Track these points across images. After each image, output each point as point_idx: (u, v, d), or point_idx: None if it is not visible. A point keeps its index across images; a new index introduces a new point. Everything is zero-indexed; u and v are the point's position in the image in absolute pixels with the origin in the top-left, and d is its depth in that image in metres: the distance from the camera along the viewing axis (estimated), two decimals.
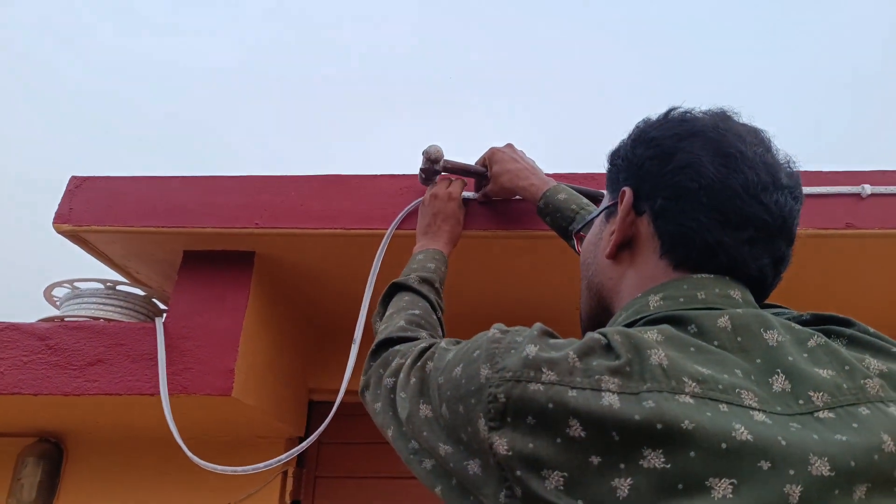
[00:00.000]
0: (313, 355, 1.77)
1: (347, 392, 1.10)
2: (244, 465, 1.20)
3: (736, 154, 0.59)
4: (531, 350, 0.51)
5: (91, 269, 1.47)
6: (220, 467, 1.12)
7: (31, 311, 1.45)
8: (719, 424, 0.44)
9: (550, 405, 0.47)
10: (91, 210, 1.34)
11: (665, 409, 0.45)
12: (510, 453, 0.47)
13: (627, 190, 0.65)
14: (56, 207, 1.34)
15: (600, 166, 0.73)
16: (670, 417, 0.44)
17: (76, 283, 1.45)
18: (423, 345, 0.67)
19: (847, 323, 0.58)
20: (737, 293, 0.58)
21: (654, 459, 0.44)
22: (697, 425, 0.44)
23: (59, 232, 1.33)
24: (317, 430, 1.13)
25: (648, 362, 0.48)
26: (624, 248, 0.66)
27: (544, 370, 0.49)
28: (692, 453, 0.43)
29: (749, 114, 0.66)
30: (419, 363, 0.64)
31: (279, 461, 1.13)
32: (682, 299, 0.57)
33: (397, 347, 0.74)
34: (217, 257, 1.38)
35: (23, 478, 1.59)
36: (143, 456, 1.65)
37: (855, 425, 0.46)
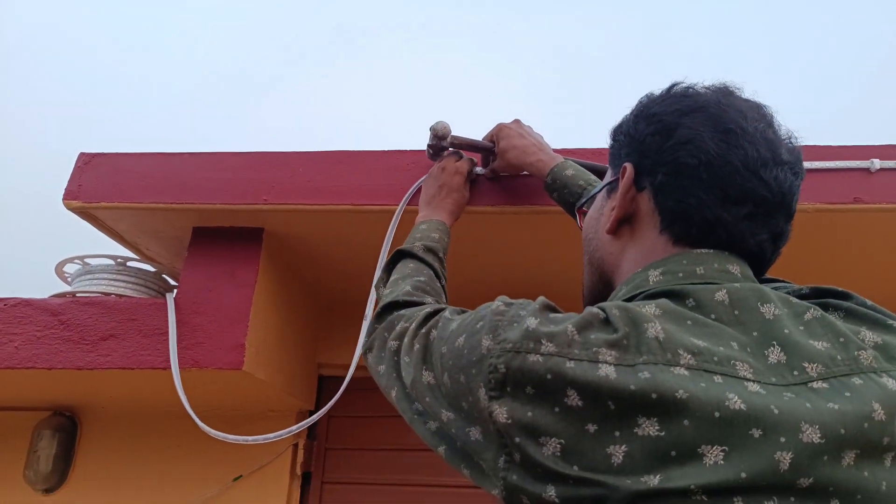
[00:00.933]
0: (323, 330, 1.78)
1: (358, 367, 1.12)
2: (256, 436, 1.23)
3: (737, 130, 0.59)
4: (532, 323, 0.52)
5: (102, 246, 1.48)
6: (230, 436, 1.14)
7: (42, 287, 1.47)
8: (713, 394, 0.45)
9: (549, 375, 0.48)
10: (100, 187, 1.34)
11: (660, 379, 0.46)
12: (509, 421, 0.49)
13: (628, 165, 0.65)
14: (66, 184, 1.35)
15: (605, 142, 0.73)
16: (665, 387, 0.46)
17: (87, 260, 1.46)
18: (428, 310, 0.68)
19: (845, 296, 0.59)
20: (735, 268, 0.59)
21: (649, 427, 0.45)
22: (691, 395, 0.45)
23: (68, 208, 1.34)
24: (328, 403, 1.15)
25: (645, 335, 0.49)
26: (624, 223, 0.66)
27: (544, 342, 0.50)
28: (686, 421, 0.45)
29: (752, 90, 0.66)
30: (423, 329, 0.65)
31: (289, 432, 1.16)
32: (681, 274, 0.58)
33: (402, 311, 0.75)
34: (226, 233, 1.39)
35: (39, 450, 1.62)
36: (156, 429, 1.69)
37: (847, 394, 0.47)
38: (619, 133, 0.70)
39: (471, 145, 1.20)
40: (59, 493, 1.64)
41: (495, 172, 1.24)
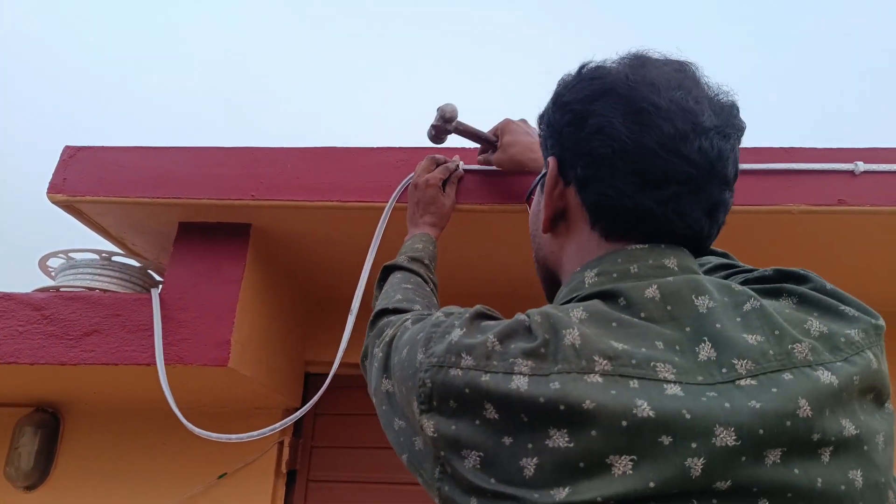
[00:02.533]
0: (310, 327, 1.78)
1: (344, 364, 1.12)
2: (241, 434, 1.22)
3: (648, 108, 0.56)
4: (456, 335, 0.52)
5: (86, 240, 1.46)
6: (214, 434, 1.13)
7: (25, 281, 1.45)
8: (621, 402, 0.45)
9: (467, 390, 0.49)
10: (85, 180, 1.33)
11: (569, 389, 0.46)
12: (436, 435, 0.50)
13: (552, 160, 0.63)
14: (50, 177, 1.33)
15: None
16: (573, 398, 0.45)
17: (71, 254, 1.45)
18: (407, 317, 0.68)
19: (803, 279, 0.58)
20: (672, 262, 0.56)
21: (559, 439, 0.45)
22: (599, 404, 0.45)
23: (52, 202, 1.33)
24: (312, 399, 1.14)
25: (562, 343, 0.49)
26: (559, 219, 0.64)
27: (463, 355, 0.50)
28: (593, 432, 0.44)
29: (674, 47, 0.62)
30: (390, 338, 0.65)
31: (273, 429, 1.15)
32: (615, 275, 0.56)
33: (391, 318, 0.75)
34: (213, 229, 1.38)
35: (20, 447, 1.60)
36: (139, 426, 1.67)
37: (774, 390, 0.46)
38: (541, 122, 0.67)
39: (474, 134, 1.19)
40: (41, 490, 1.62)
41: (489, 164, 1.23)
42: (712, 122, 0.56)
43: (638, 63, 0.59)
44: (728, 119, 0.58)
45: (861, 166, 1.26)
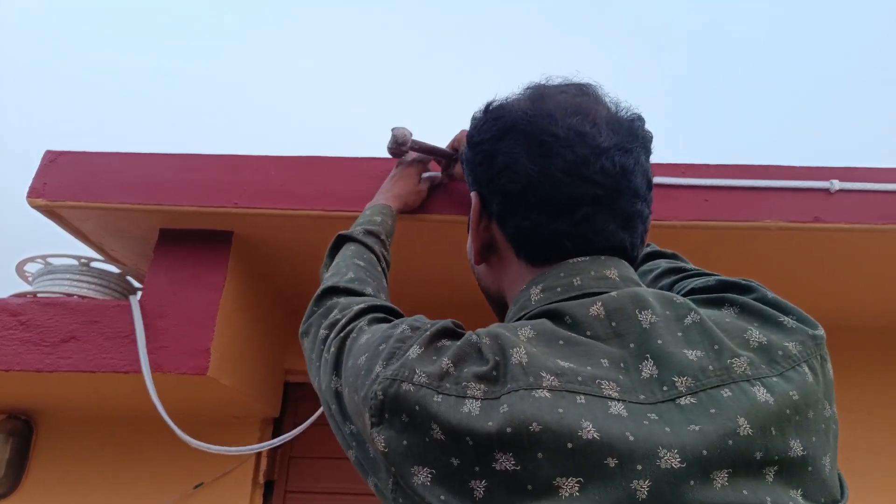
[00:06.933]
0: (290, 336, 1.76)
1: None
2: (218, 443, 1.21)
3: (549, 140, 0.58)
4: (414, 353, 0.53)
5: (65, 245, 1.45)
6: (212, 447, 1.12)
7: (1, 286, 1.43)
8: (567, 423, 0.45)
9: (417, 407, 0.49)
10: (66, 185, 1.32)
11: (517, 410, 0.46)
12: (387, 450, 0.50)
13: (474, 196, 0.65)
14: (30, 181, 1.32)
15: None
16: (520, 420, 0.46)
17: (49, 259, 1.43)
18: (361, 306, 0.67)
19: (747, 289, 0.59)
20: (613, 272, 0.58)
21: (506, 462, 0.45)
22: (545, 427, 0.45)
23: (32, 206, 1.31)
24: (311, 418, 1.13)
25: (510, 362, 0.50)
26: (490, 250, 0.67)
27: (418, 371, 0.51)
28: (539, 454, 0.45)
29: (574, 69, 0.65)
30: (343, 333, 0.64)
31: (272, 444, 1.14)
32: (559, 289, 0.58)
33: (340, 300, 0.74)
34: (194, 236, 1.37)
35: None
36: (115, 434, 1.65)
37: (713, 410, 0.47)
38: (461, 159, 0.70)
39: (431, 151, 1.20)
40: (12, 498, 1.59)
41: (453, 178, 1.24)
42: (611, 140, 0.59)
43: (537, 95, 0.63)
44: (628, 134, 0.60)
45: (836, 184, 1.29)
